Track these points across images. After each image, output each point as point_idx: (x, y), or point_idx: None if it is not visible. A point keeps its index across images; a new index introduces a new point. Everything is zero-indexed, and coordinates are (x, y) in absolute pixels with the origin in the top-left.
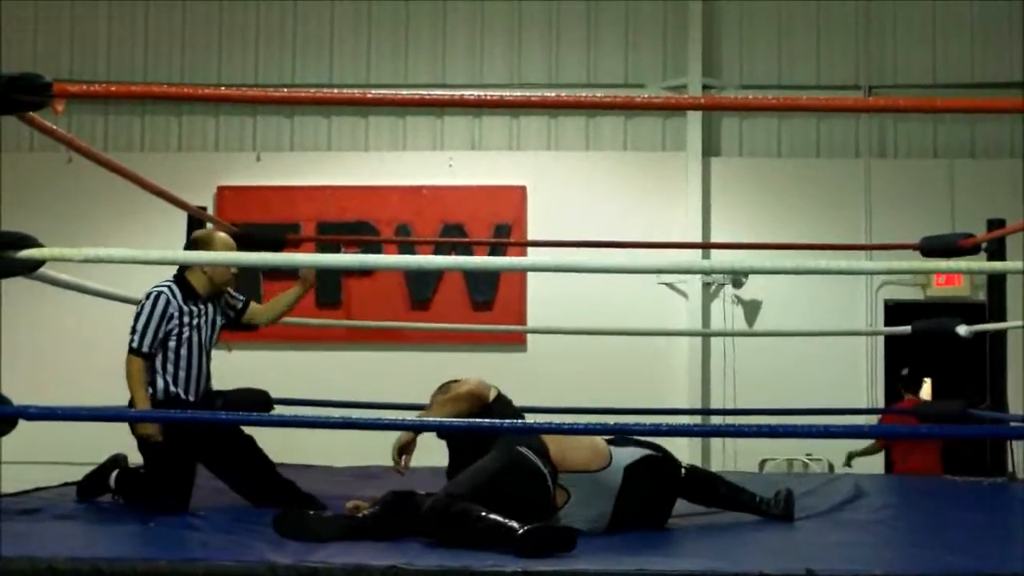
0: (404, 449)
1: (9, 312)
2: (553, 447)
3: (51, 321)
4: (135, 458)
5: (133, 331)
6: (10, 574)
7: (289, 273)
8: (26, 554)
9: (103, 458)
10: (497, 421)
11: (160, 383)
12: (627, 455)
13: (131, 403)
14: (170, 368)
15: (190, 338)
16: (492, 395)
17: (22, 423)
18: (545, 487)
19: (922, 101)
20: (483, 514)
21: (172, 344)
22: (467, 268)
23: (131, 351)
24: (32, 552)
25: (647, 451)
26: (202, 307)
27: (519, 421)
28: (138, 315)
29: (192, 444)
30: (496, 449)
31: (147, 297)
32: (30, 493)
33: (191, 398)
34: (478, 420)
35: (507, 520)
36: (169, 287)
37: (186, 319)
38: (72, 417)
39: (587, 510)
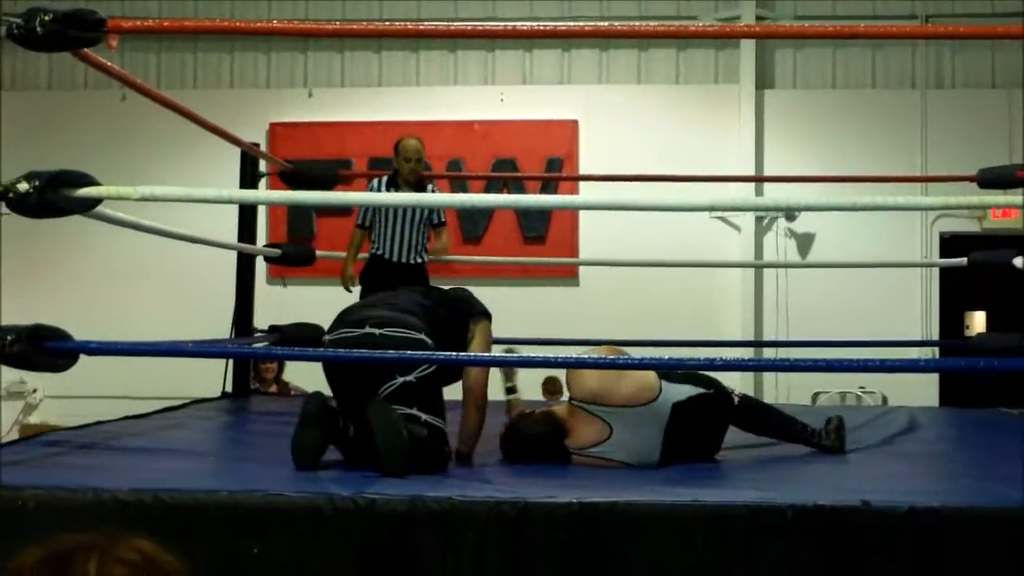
0: None
1: (65, 250)
2: (599, 382)
3: (105, 261)
4: None
5: None
6: (75, 506)
7: (341, 209)
8: (90, 486)
9: (160, 392)
10: (533, 356)
11: (372, 247)
12: (677, 392)
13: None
14: (377, 236)
15: (386, 214)
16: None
17: (82, 358)
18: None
19: (981, 29)
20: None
21: (379, 219)
22: (520, 206)
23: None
24: (96, 484)
25: (700, 390)
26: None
27: (571, 357)
28: None
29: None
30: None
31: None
32: (92, 426)
33: (393, 259)
34: (522, 356)
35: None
36: (379, 178)
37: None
38: (132, 352)
39: (634, 443)
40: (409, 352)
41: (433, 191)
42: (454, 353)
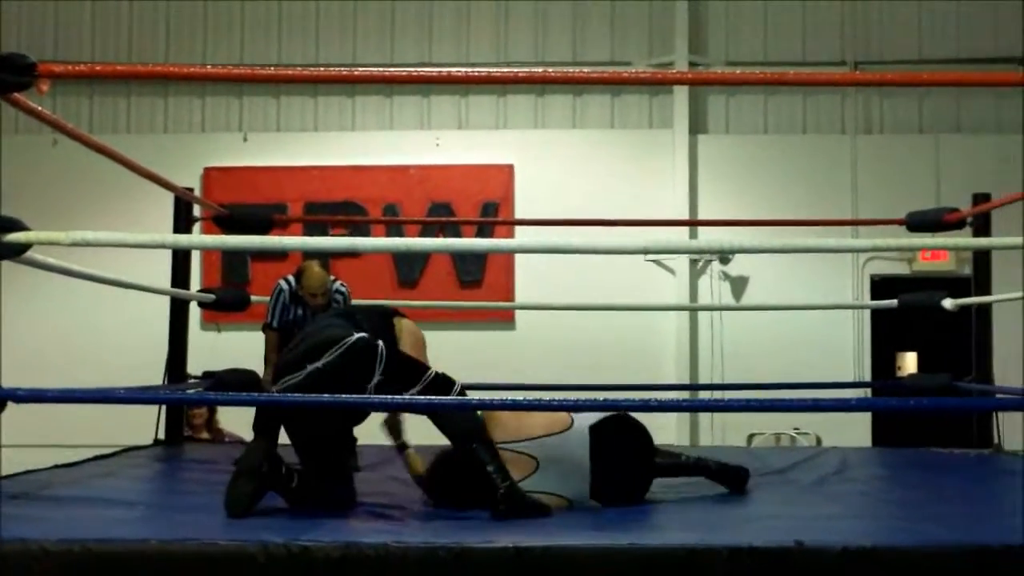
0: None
1: None
2: (514, 419)
3: (37, 307)
4: None
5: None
6: (2, 557)
7: (277, 255)
8: (17, 536)
9: (92, 440)
10: (473, 400)
11: None
12: (589, 417)
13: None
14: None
15: (302, 320)
16: None
17: (11, 406)
18: None
19: (908, 75)
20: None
21: (292, 324)
22: (455, 251)
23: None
24: (23, 535)
25: (610, 413)
26: (306, 311)
27: (504, 399)
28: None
29: None
30: None
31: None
32: (20, 476)
33: None
34: (456, 399)
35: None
36: (288, 284)
37: (288, 315)
38: (61, 399)
39: (562, 477)
40: (346, 396)
41: (340, 299)
42: (393, 396)
